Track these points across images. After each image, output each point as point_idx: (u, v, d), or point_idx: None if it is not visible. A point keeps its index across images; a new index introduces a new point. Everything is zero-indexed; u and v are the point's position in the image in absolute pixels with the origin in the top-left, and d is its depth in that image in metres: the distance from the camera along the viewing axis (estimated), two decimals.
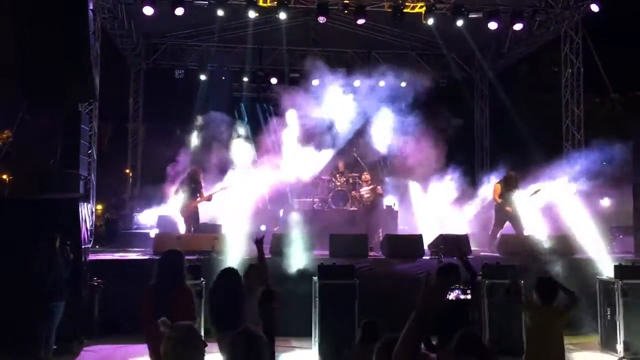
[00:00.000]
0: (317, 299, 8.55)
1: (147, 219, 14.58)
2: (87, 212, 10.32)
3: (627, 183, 12.03)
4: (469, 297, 4.20)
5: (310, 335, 8.68)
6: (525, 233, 11.61)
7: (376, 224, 12.95)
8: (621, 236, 12.56)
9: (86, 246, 9.58)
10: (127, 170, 18.14)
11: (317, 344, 8.39)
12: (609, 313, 8.88)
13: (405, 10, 13.44)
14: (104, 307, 9.14)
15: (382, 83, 18.25)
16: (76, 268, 8.40)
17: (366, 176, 13.56)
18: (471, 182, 15.06)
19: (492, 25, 13.56)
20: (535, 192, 11.97)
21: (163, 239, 11.04)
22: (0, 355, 7.88)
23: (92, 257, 10.10)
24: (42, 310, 7.79)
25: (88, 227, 10.57)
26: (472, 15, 13.53)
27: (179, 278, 5.26)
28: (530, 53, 16.34)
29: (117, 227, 14.64)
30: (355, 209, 13.73)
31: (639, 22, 14.79)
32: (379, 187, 13.45)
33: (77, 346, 8.56)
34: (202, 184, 12.42)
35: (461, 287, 4.55)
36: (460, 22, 13.59)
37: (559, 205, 12.24)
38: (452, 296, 4.33)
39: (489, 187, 13.17)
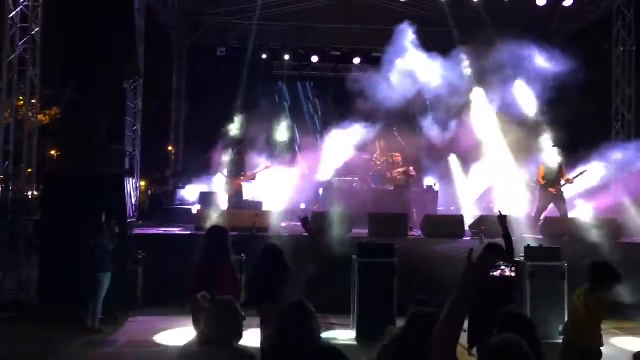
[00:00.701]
0: (356, 277, 8.57)
1: (190, 195, 14.82)
2: (132, 187, 10.57)
3: None
4: (513, 274, 4.13)
5: (349, 313, 8.73)
6: (570, 215, 11.36)
7: (413, 205, 12.83)
8: None
9: (131, 220, 9.82)
10: (170, 148, 18.45)
11: (356, 322, 8.44)
12: None
13: None
14: (148, 279, 9.38)
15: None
16: (121, 241, 8.64)
17: (397, 157, 13.42)
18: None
19: (541, 1, 13.15)
20: (580, 173, 11.65)
21: (205, 215, 11.20)
22: (50, 323, 8.19)
23: (136, 231, 10.36)
24: (89, 281, 8.07)
25: (133, 202, 10.83)
26: None
27: (224, 255, 5.29)
28: (581, 30, 15.76)
29: (160, 203, 14.93)
30: (392, 188, 13.65)
31: None
32: (411, 168, 13.29)
33: (122, 316, 8.85)
34: (247, 162, 12.53)
35: (506, 264, 4.47)
36: None
37: (604, 188, 11.93)
38: (496, 272, 4.27)
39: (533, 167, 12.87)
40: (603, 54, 14.43)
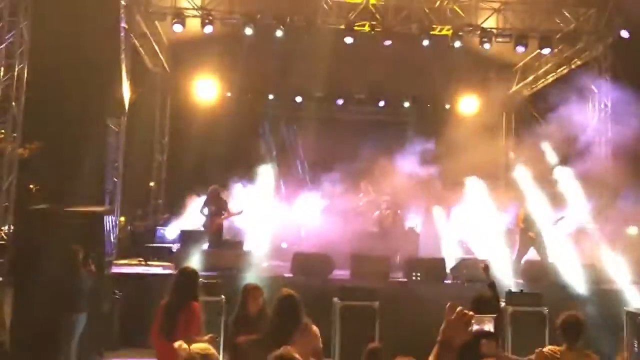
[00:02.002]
0: (337, 320, 8.48)
1: (170, 232, 14.68)
2: (111, 225, 10.43)
3: None
4: (492, 329, 4.10)
5: (330, 357, 8.60)
6: (550, 260, 11.43)
7: (395, 246, 12.82)
8: None
9: (109, 259, 9.67)
10: (152, 184, 18.32)
11: None
12: (636, 346, 8.63)
13: (432, 33, 13.44)
14: (124, 319, 9.17)
15: (406, 103, 18.37)
16: (98, 280, 8.47)
17: (386, 199, 13.43)
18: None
19: (520, 50, 13.51)
20: (559, 219, 11.78)
21: (184, 254, 11.09)
22: None
23: (114, 269, 10.18)
24: (64, 322, 7.86)
25: (112, 240, 10.68)
26: (499, 40, 13.50)
27: (190, 295, 5.30)
28: (561, 77, 16.17)
29: (140, 240, 14.74)
30: (377, 229, 13.65)
31: None
32: (399, 211, 13.31)
33: (97, 358, 8.60)
34: (227, 201, 12.47)
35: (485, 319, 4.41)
36: (487, 46, 13.56)
37: (584, 233, 12.07)
38: (476, 327, 4.23)
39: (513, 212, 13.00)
40: (580, 101, 14.75)
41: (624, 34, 12.64)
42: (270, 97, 18.31)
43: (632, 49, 13.22)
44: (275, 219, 14.97)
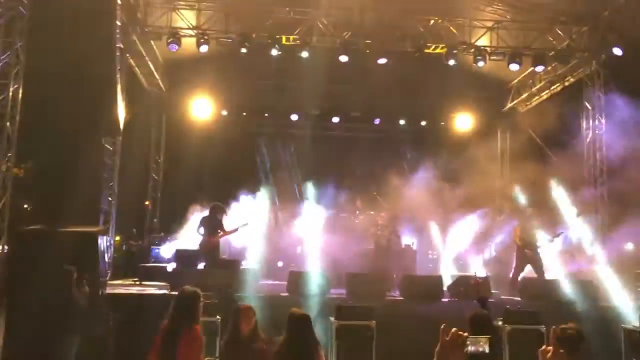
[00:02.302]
0: (333, 340, 8.40)
1: (166, 252, 14.60)
2: (106, 245, 10.37)
3: None
4: (487, 350, 4.02)
5: None
6: (547, 277, 11.40)
7: (392, 265, 12.76)
8: None
9: (104, 279, 9.58)
10: (147, 203, 18.26)
11: None
12: None
13: (426, 51, 13.53)
14: (119, 341, 9.05)
15: (401, 121, 18.46)
16: (93, 302, 8.38)
17: (382, 217, 13.38)
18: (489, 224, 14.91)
19: (514, 67, 13.61)
20: (556, 236, 11.78)
21: (180, 274, 11.03)
22: None
23: (109, 290, 10.09)
24: (57, 345, 7.76)
25: (106, 260, 10.61)
26: (493, 58, 13.59)
27: (191, 319, 5.14)
28: (554, 94, 16.27)
29: (135, 260, 14.66)
30: (372, 247, 13.60)
31: None
32: (395, 230, 13.26)
33: None
34: (224, 220, 12.43)
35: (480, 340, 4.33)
36: (481, 64, 13.65)
37: (581, 250, 12.06)
38: (472, 348, 4.16)
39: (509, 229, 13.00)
40: (574, 118, 14.83)
41: (617, 51, 12.74)
42: (266, 115, 18.35)
43: (625, 65, 13.32)
44: (271, 237, 14.93)
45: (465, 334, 2.39)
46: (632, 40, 12.72)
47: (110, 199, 12.21)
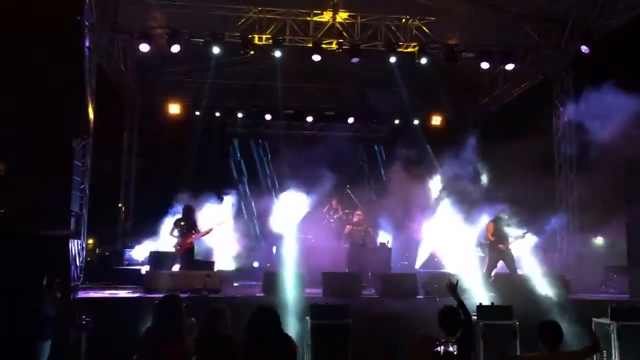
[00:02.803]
0: (309, 339, 8.40)
1: (139, 254, 14.44)
2: (77, 249, 10.20)
3: (621, 222, 12.01)
4: (455, 351, 4.04)
5: None
6: (519, 272, 11.56)
7: (367, 263, 12.81)
8: (615, 276, 12.49)
9: (75, 284, 9.44)
10: (120, 205, 18.04)
11: None
12: (605, 356, 8.74)
13: (398, 50, 13.60)
14: (92, 346, 8.92)
15: (376, 119, 18.60)
16: (64, 307, 8.24)
17: (358, 216, 13.41)
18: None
19: (484, 65, 13.75)
20: (528, 232, 11.94)
21: (154, 276, 10.93)
22: None
23: (81, 294, 9.93)
24: (27, 351, 7.61)
25: (78, 264, 10.45)
26: (464, 55, 13.72)
27: (176, 328, 5.02)
28: (523, 92, 16.53)
29: (108, 263, 14.46)
30: (348, 246, 13.64)
31: (629, 62, 15.02)
32: (370, 229, 13.29)
33: None
34: (197, 220, 12.33)
35: (449, 340, 4.36)
36: (452, 63, 13.76)
37: (552, 244, 12.26)
38: (440, 349, 4.17)
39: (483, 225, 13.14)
40: (545, 116, 15.06)
41: (585, 49, 12.96)
42: (240, 115, 18.28)
43: (593, 63, 13.57)
44: (246, 237, 14.89)
45: (434, 336, 2.42)
46: (599, 38, 12.97)
47: (81, 201, 12.00)
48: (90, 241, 16.72)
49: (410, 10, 13.60)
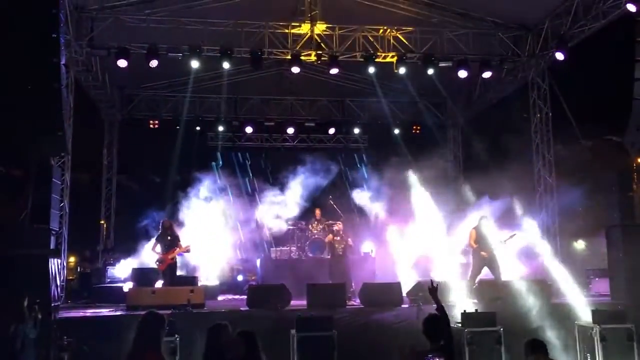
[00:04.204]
0: (295, 352, 8.37)
1: (121, 272, 14.29)
2: (58, 268, 10.06)
3: (601, 226, 12.14)
4: None
5: None
6: (503, 278, 11.63)
7: (348, 273, 12.76)
8: (596, 279, 12.63)
9: (56, 304, 9.29)
10: (102, 222, 17.85)
11: None
12: (588, 359, 8.83)
13: (377, 60, 13.69)
14: None
15: (356, 129, 18.69)
16: (44, 328, 8.11)
17: (339, 226, 13.36)
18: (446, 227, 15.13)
19: (462, 74, 13.87)
20: (510, 237, 12.03)
21: (137, 293, 10.83)
22: None
23: (62, 314, 9.79)
24: None
25: (58, 284, 10.30)
26: (442, 64, 13.84)
27: (153, 346, 4.97)
28: (501, 99, 16.72)
29: (89, 281, 14.30)
30: (330, 257, 13.61)
31: (604, 68, 15.31)
32: (349, 239, 13.24)
33: None
34: (178, 235, 12.25)
35: (435, 354, 4.40)
36: (430, 71, 13.89)
37: (534, 250, 12.36)
38: None
39: (465, 232, 13.21)
40: (523, 121, 15.25)
41: (560, 55, 13.16)
42: (221, 128, 18.23)
43: (567, 69, 13.79)
44: (229, 251, 14.82)
45: (419, 349, 2.43)
46: (573, 45, 13.19)
47: (61, 219, 11.87)
48: (71, 259, 16.53)
49: (388, 21, 13.71)
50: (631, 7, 10.68)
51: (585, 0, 12.50)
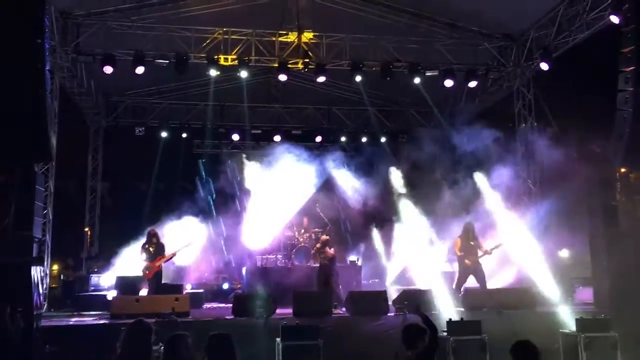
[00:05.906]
0: None
1: (105, 280, 14.13)
2: (41, 276, 9.94)
3: (585, 235, 12.22)
4: None
5: None
6: (488, 287, 11.68)
7: (335, 282, 12.70)
8: (580, 287, 12.71)
9: (38, 312, 9.17)
10: (86, 229, 17.68)
11: None
12: None
13: (363, 69, 13.75)
14: None
15: (343, 138, 18.72)
16: (27, 336, 8.00)
17: (324, 237, 13.24)
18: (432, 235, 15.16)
19: (448, 83, 13.98)
20: (495, 247, 12.08)
21: (121, 301, 10.73)
22: None
23: (45, 322, 9.66)
24: None
25: (41, 292, 10.17)
26: (428, 73, 13.94)
27: (144, 355, 4.90)
28: (486, 108, 16.85)
29: (73, 289, 14.12)
30: (316, 265, 13.57)
31: (588, 79, 15.48)
32: (334, 247, 13.16)
33: None
34: (163, 243, 12.16)
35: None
36: (417, 80, 13.98)
37: (519, 258, 12.42)
38: None
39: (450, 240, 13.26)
40: (509, 130, 15.35)
41: (544, 65, 13.32)
42: (207, 136, 18.16)
43: (552, 79, 13.95)
44: (214, 259, 14.74)
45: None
46: (557, 55, 13.35)
47: (44, 227, 11.73)
48: (55, 267, 16.33)
49: (374, 30, 13.78)
50: (614, 19, 10.89)
51: (570, 12, 12.72)
